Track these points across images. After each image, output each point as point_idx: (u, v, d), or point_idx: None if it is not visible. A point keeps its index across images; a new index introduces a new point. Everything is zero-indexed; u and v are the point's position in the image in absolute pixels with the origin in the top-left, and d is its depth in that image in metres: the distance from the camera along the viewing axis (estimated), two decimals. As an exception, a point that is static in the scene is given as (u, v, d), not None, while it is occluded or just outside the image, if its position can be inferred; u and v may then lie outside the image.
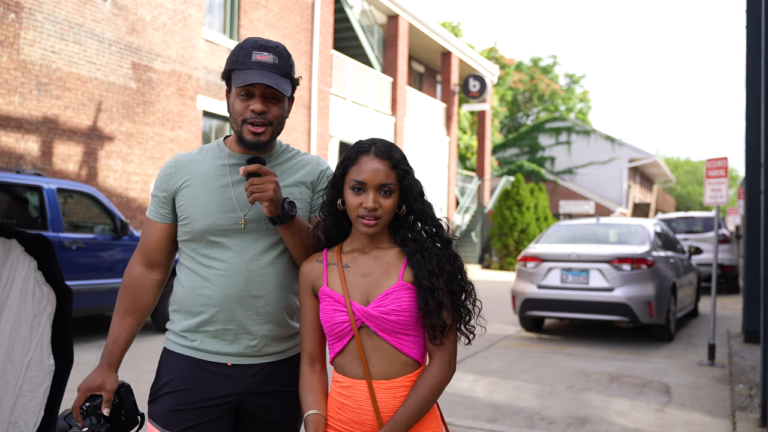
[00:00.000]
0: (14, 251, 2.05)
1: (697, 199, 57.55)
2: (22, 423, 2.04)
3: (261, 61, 1.85)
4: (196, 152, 2.01)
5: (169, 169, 1.97)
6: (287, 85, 1.89)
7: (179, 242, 1.99)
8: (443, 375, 1.73)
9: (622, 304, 8.03)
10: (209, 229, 1.89)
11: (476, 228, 23.47)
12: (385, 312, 1.70)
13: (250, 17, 13.87)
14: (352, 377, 1.73)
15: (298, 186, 1.98)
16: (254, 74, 1.83)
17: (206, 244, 1.90)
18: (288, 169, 1.99)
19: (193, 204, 1.91)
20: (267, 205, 1.78)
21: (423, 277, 1.71)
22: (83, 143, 10.35)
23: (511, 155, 34.33)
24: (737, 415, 5.18)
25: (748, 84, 8.08)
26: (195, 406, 1.87)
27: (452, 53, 22.81)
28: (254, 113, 1.86)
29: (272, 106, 1.89)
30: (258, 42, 1.88)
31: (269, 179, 1.78)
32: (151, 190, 2.03)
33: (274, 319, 1.93)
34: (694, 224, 15.81)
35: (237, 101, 1.88)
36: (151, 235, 1.99)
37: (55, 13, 9.89)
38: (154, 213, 1.98)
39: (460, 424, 4.86)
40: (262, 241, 1.91)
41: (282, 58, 1.88)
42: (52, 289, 2.12)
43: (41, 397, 2.08)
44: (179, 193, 1.94)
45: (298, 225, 1.87)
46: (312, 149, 15.71)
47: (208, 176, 1.94)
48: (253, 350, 1.91)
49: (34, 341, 2.08)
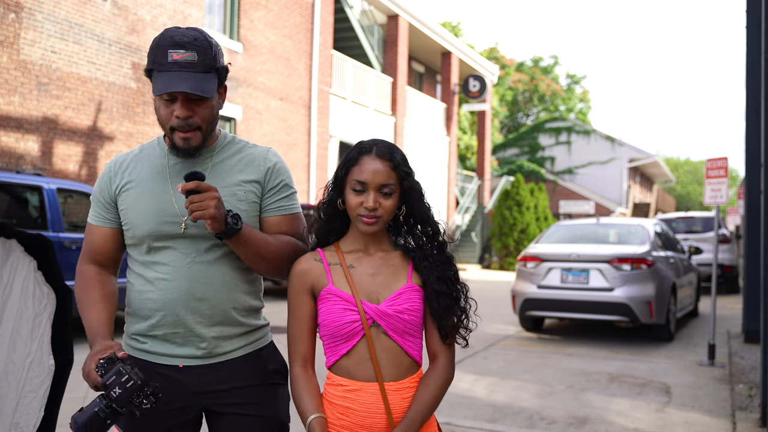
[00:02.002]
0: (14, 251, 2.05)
1: (697, 199, 57.54)
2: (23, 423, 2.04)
3: (178, 60, 1.73)
4: (137, 151, 1.94)
5: (108, 171, 1.91)
6: (211, 83, 1.78)
7: (126, 245, 1.93)
8: (449, 374, 1.77)
9: (622, 304, 8.03)
10: (150, 234, 1.84)
11: (476, 228, 23.47)
12: (400, 311, 1.71)
13: (250, 17, 13.86)
14: (360, 380, 1.70)
15: (242, 185, 1.88)
16: (172, 78, 1.73)
17: (149, 248, 1.85)
18: (232, 166, 1.89)
19: (133, 209, 1.85)
20: (210, 223, 1.70)
21: (433, 282, 1.74)
22: (83, 143, 10.36)
23: (511, 155, 34.33)
24: (737, 415, 5.18)
25: (748, 84, 8.07)
26: (157, 410, 1.80)
27: (452, 53, 22.81)
28: (179, 119, 1.77)
29: (198, 108, 1.78)
30: (174, 38, 1.75)
31: (210, 195, 1.68)
32: (92, 195, 1.94)
33: (223, 321, 1.86)
34: (693, 224, 15.81)
35: (161, 106, 1.80)
36: (97, 240, 1.92)
37: (55, 13, 9.89)
38: (98, 218, 1.91)
39: (460, 424, 4.86)
40: (203, 242, 1.84)
41: (201, 52, 1.75)
42: (52, 289, 2.12)
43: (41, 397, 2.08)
44: (119, 196, 1.88)
45: (246, 236, 1.78)
46: (312, 149, 15.72)
47: (146, 179, 1.87)
48: (203, 352, 1.85)
49: (35, 342, 2.08)
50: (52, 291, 2.13)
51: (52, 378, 2.11)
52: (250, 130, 13.80)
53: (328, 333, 1.74)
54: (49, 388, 2.11)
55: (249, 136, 13.59)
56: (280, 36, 14.79)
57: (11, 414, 2.02)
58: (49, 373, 2.11)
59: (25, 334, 2.07)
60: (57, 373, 2.12)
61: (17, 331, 2.05)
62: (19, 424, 2.03)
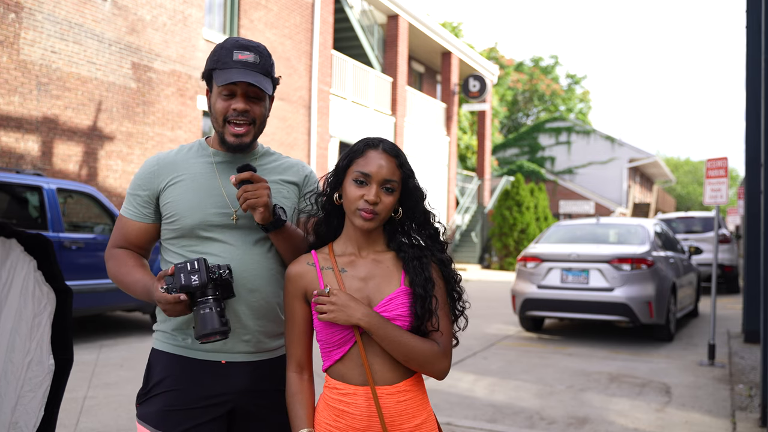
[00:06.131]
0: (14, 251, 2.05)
1: (697, 199, 57.54)
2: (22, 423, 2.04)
3: (242, 60, 1.84)
4: (176, 152, 1.98)
5: (152, 167, 1.93)
6: (268, 83, 1.89)
7: (163, 241, 1.94)
8: (439, 354, 1.71)
9: (622, 304, 8.03)
10: (200, 224, 1.86)
11: (476, 228, 23.46)
12: (391, 317, 1.69)
13: (250, 17, 13.87)
14: (353, 384, 1.70)
15: (286, 185, 1.98)
16: (236, 73, 1.83)
17: (196, 239, 1.87)
18: (274, 168, 1.99)
19: (182, 201, 1.88)
20: (261, 212, 1.77)
21: (418, 284, 1.71)
22: (83, 143, 10.35)
23: (511, 155, 34.34)
24: (737, 415, 5.18)
25: (748, 84, 8.07)
26: (189, 407, 1.82)
27: (452, 53, 22.81)
28: (236, 112, 1.85)
29: (254, 105, 1.88)
30: (239, 41, 1.88)
31: (262, 185, 1.77)
32: (129, 190, 1.96)
33: (267, 315, 1.90)
34: (693, 224, 15.81)
35: (219, 100, 1.87)
36: (129, 234, 1.95)
37: (55, 13, 9.89)
38: (134, 213, 1.93)
39: (460, 424, 4.86)
40: (253, 234, 1.89)
41: (263, 57, 1.88)
42: (51, 288, 2.11)
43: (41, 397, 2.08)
44: (165, 191, 1.90)
45: (289, 230, 1.86)
46: (312, 149, 15.71)
47: (195, 174, 1.91)
48: (246, 346, 1.87)
49: (34, 341, 2.08)
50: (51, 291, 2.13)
51: (51, 378, 2.11)
52: (250, 130, 13.79)
53: (321, 339, 1.74)
54: (49, 388, 2.11)
55: (249, 136, 13.57)
56: (280, 36, 14.79)
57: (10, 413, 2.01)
58: (48, 372, 2.11)
59: (24, 333, 2.06)
60: (57, 373, 2.12)
61: (16, 330, 2.05)
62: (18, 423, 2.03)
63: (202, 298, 1.68)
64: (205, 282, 1.67)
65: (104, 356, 6.71)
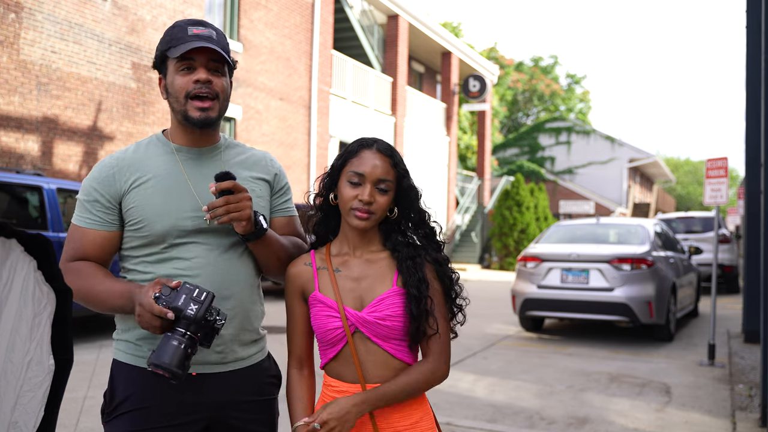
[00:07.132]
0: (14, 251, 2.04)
1: (697, 199, 57.53)
2: (22, 423, 2.04)
3: (198, 34, 1.72)
4: (134, 149, 1.80)
5: (110, 169, 1.75)
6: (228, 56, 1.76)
7: (125, 250, 1.77)
8: (436, 366, 1.72)
9: (622, 304, 8.02)
10: (171, 229, 1.71)
11: (476, 228, 23.46)
12: (381, 317, 1.69)
13: (250, 17, 13.87)
14: (347, 382, 1.71)
15: (257, 182, 1.85)
16: (195, 44, 1.70)
17: (167, 246, 1.72)
18: (241, 163, 1.85)
19: (149, 205, 1.71)
20: (243, 225, 1.65)
21: (412, 284, 1.71)
22: (83, 143, 10.36)
23: (511, 155, 34.34)
24: (737, 415, 5.18)
25: (748, 84, 8.07)
26: (159, 425, 1.68)
27: (452, 53, 22.80)
28: (199, 83, 1.71)
29: (216, 78, 1.74)
30: (192, 19, 1.76)
31: (245, 196, 1.64)
32: (83, 196, 1.75)
33: (242, 323, 1.79)
34: (693, 224, 15.81)
35: (177, 77, 1.72)
36: (87, 246, 1.74)
37: (55, 13, 9.89)
38: (94, 221, 1.73)
39: (460, 424, 4.86)
40: (228, 237, 1.76)
41: (219, 34, 1.76)
42: (52, 288, 2.11)
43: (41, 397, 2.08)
44: (127, 195, 1.73)
45: (269, 238, 1.75)
46: (312, 149, 15.71)
47: (160, 173, 1.74)
48: (218, 357, 1.74)
49: (34, 341, 2.07)
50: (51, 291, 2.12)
51: (51, 378, 2.11)
52: (250, 130, 13.79)
53: (317, 337, 1.76)
54: (49, 388, 2.10)
55: (249, 136, 13.59)
56: (280, 36, 14.79)
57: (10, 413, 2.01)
58: (48, 372, 2.11)
59: (24, 333, 2.06)
60: (57, 373, 2.12)
61: (16, 330, 2.05)
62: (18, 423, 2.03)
63: (182, 330, 1.53)
64: (199, 319, 1.54)
65: (104, 356, 6.71)
